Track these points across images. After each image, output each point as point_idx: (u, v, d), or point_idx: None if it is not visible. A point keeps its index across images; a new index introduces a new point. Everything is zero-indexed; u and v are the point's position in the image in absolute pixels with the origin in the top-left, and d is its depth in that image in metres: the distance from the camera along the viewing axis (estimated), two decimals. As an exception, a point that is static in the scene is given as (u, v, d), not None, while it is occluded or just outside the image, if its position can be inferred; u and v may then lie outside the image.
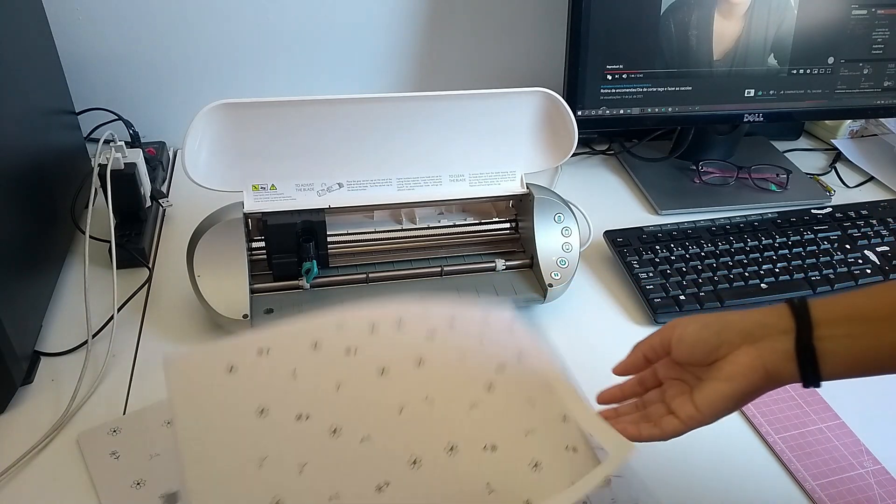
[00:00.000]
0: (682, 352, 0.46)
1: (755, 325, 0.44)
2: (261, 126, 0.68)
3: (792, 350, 0.42)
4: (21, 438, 0.58)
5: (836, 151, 1.07)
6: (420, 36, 1.02)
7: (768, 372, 0.43)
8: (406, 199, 0.74)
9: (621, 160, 1.03)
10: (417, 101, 0.71)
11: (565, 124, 0.74)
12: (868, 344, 0.41)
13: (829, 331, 0.42)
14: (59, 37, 0.83)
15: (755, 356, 0.43)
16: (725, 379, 0.44)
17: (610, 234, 0.83)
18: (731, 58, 0.90)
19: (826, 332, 0.42)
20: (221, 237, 0.67)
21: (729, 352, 0.44)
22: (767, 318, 0.44)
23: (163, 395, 0.62)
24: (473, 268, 0.75)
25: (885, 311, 0.41)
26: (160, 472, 0.56)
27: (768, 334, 0.43)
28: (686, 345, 0.46)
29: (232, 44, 0.96)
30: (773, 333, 0.43)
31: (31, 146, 0.71)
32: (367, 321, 0.53)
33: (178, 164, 0.97)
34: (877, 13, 0.90)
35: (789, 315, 0.43)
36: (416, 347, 0.52)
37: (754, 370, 0.43)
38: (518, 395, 0.52)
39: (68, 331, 0.69)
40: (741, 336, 0.44)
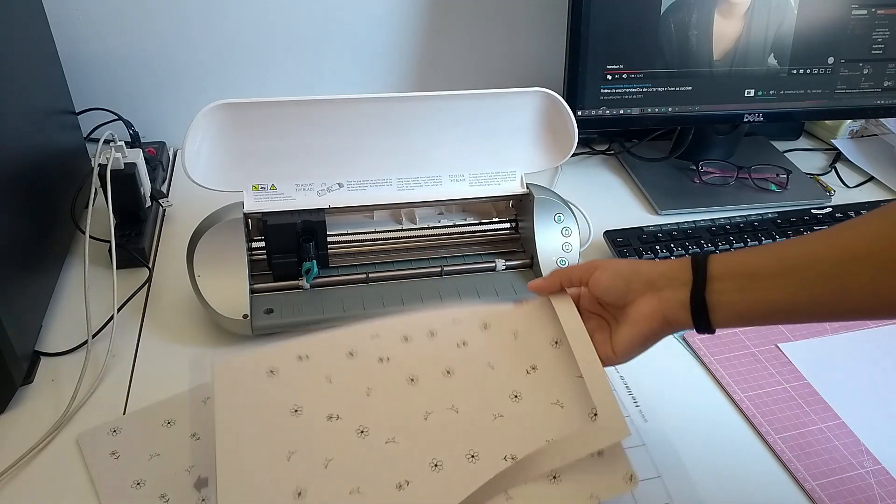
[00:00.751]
0: (597, 292, 0.52)
1: (659, 276, 0.49)
2: (261, 126, 0.68)
3: (687, 301, 0.47)
4: (21, 438, 0.58)
5: (836, 151, 1.07)
6: (420, 36, 1.02)
7: (667, 319, 0.48)
8: (406, 199, 0.74)
9: (621, 160, 1.03)
10: (417, 101, 0.71)
11: (565, 124, 0.74)
12: (753, 298, 0.46)
13: (720, 285, 0.46)
14: (59, 37, 0.83)
15: (655, 304, 0.49)
16: (630, 323, 0.50)
17: (610, 234, 0.83)
18: (731, 58, 0.90)
19: (718, 286, 0.46)
20: (221, 237, 0.67)
21: (635, 298, 0.50)
22: (671, 269, 0.49)
23: (163, 395, 0.62)
24: (473, 268, 0.75)
25: (770, 270, 0.45)
26: (160, 472, 0.56)
27: (668, 285, 0.48)
28: (600, 287, 0.52)
29: (232, 44, 0.96)
30: (673, 285, 0.48)
31: (31, 146, 0.71)
32: (401, 332, 0.57)
33: (178, 164, 0.97)
34: (877, 13, 0.90)
35: (689, 268, 0.48)
36: (445, 357, 0.55)
37: (654, 317, 0.49)
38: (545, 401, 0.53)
39: (68, 331, 0.69)
40: (646, 285, 0.49)
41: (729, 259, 0.47)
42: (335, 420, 0.51)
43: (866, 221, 0.44)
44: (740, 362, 0.68)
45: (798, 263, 0.44)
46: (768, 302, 0.45)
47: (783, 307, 0.45)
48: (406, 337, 0.57)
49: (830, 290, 0.44)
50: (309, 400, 0.52)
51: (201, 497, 0.54)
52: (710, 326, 0.48)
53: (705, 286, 0.47)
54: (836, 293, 0.43)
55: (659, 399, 0.65)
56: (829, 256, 0.44)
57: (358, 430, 0.51)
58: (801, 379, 0.67)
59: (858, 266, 0.43)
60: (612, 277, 0.51)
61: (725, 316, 0.47)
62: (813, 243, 0.45)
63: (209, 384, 0.64)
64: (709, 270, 0.47)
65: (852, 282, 0.43)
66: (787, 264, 0.45)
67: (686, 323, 0.48)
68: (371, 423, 0.51)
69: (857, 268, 0.43)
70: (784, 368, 0.68)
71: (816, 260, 0.44)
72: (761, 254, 0.47)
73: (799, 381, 0.67)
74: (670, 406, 0.64)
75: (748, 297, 0.46)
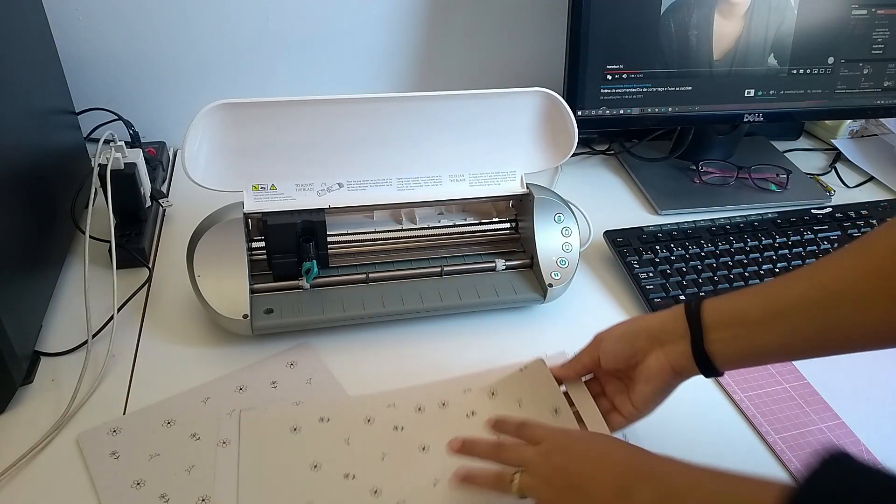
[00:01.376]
0: (608, 364, 0.54)
1: (659, 331, 0.52)
2: (261, 126, 0.68)
3: (690, 352, 0.50)
4: (21, 438, 0.58)
5: (836, 151, 1.07)
6: (420, 36, 1.02)
7: (675, 370, 0.51)
8: (406, 199, 0.74)
9: (621, 160, 1.03)
10: (417, 101, 0.71)
11: (565, 124, 0.74)
12: (750, 345, 0.48)
13: (717, 335, 0.49)
14: (59, 37, 0.83)
15: (663, 359, 0.51)
16: (645, 381, 0.52)
17: (610, 234, 0.83)
18: (731, 58, 0.90)
19: (714, 336, 0.49)
20: (221, 237, 0.67)
21: (644, 357, 0.52)
22: (668, 323, 0.51)
23: (163, 395, 0.62)
24: (473, 268, 0.75)
25: (760, 316, 0.48)
26: (160, 472, 0.56)
27: (670, 339, 0.51)
28: (608, 358, 0.54)
29: (232, 44, 0.96)
30: (674, 339, 0.51)
31: (31, 146, 0.71)
32: (416, 402, 0.62)
33: (178, 164, 0.98)
34: (877, 13, 0.90)
35: (685, 321, 0.50)
36: (456, 428, 0.59)
37: (664, 371, 0.51)
38: None
39: (68, 331, 0.69)
40: (649, 342, 0.52)
41: (721, 306, 0.50)
42: (351, 479, 0.56)
43: (845, 257, 0.46)
44: (740, 362, 0.68)
45: (786, 307, 0.47)
46: (764, 346, 0.48)
47: (779, 350, 0.48)
48: (420, 407, 0.62)
49: (819, 329, 0.46)
50: (328, 458, 0.57)
51: (202, 498, 0.54)
52: (716, 371, 0.50)
53: (703, 338, 0.49)
54: (824, 331, 0.46)
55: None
56: (813, 296, 0.46)
57: (372, 490, 0.55)
58: (801, 379, 0.67)
59: (841, 302, 0.45)
60: (615, 345, 0.53)
61: (728, 361, 0.49)
62: (797, 284, 0.47)
63: (209, 384, 0.64)
64: (703, 322, 0.49)
65: (837, 318, 0.45)
66: (776, 309, 0.47)
67: (693, 371, 0.51)
68: (384, 485, 0.55)
69: (840, 304, 0.45)
70: (784, 368, 0.68)
71: (802, 302, 0.46)
72: (751, 300, 0.49)
73: (799, 381, 0.67)
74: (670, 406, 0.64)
75: (744, 344, 0.48)
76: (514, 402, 0.61)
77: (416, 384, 0.65)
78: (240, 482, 0.55)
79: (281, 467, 0.57)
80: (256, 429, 0.60)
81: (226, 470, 0.56)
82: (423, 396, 0.63)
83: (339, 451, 0.58)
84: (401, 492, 0.55)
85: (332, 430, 0.60)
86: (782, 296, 0.47)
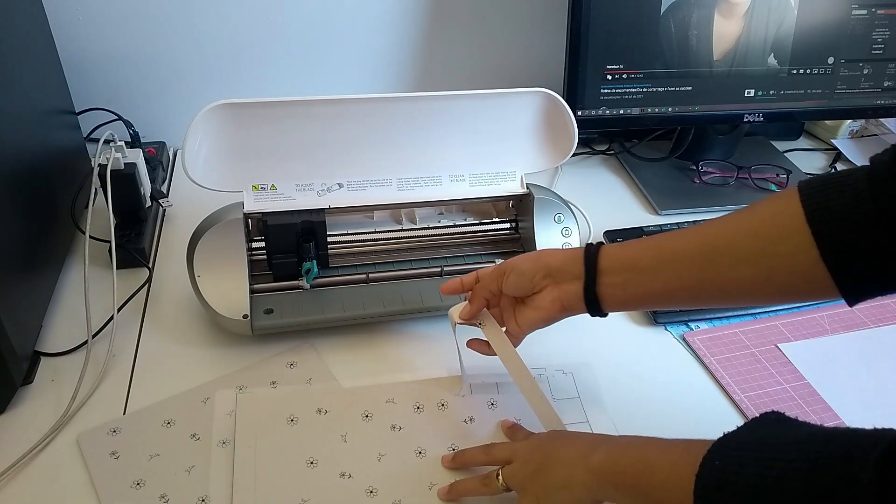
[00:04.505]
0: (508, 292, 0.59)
1: (557, 270, 0.56)
2: (261, 126, 0.68)
3: (581, 294, 0.55)
4: (21, 438, 0.58)
5: (836, 151, 1.07)
6: (420, 36, 1.02)
7: (564, 306, 0.56)
8: (406, 199, 0.74)
9: (621, 160, 1.03)
10: (417, 101, 0.71)
11: (565, 124, 0.74)
12: (636, 289, 0.53)
13: (609, 279, 0.54)
14: (59, 37, 0.83)
15: (556, 295, 0.56)
16: (535, 308, 0.57)
17: (610, 234, 0.83)
18: (731, 58, 0.90)
19: (607, 279, 0.54)
20: (221, 237, 0.67)
21: (541, 289, 0.57)
22: (567, 263, 0.56)
23: (163, 395, 0.62)
24: (473, 268, 0.74)
25: (649, 263, 0.52)
26: (160, 472, 0.56)
27: (565, 279, 0.56)
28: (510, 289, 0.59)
29: (232, 44, 0.96)
30: (569, 279, 0.55)
31: (31, 146, 0.71)
32: (415, 400, 0.63)
33: (178, 164, 0.97)
34: (877, 13, 0.90)
35: (582, 264, 0.55)
36: (453, 433, 0.60)
37: (554, 305, 0.56)
38: None
39: (68, 331, 0.69)
40: (546, 279, 0.56)
41: (616, 253, 0.54)
42: (347, 478, 0.56)
43: (729, 218, 0.50)
44: (740, 362, 0.68)
45: (672, 257, 0.51)
46: (648, 291, 0.52)
47: (662, 296, 0.53)
48: (418, 406, 0.63)
49: (699, 279, 0.50)
50: (324, 455, 0.58)
51: (202, 498, 0.54)
52: (601, 312, 0.55)
53: (596, 281, 0.54)
54: (703, 281, 0.50)
55: (659, 399, 0.65)
56: (697, 249, 0.50)
57: (367, 490, 0.55)
58: (801, 379, 0.67)
59: (720, 256, 0.49)
60: (517, 280, 0.58)
61: (614, 304, 0.55)
62: (686, 237, 0.51)
63: (209, 384, 0.64)
64: (599, 265, 0.54)
65: (716, 270, 0.49)
66: (664, 258, 0.52)
67: (581, 309, 0.56)
68: (380, 486, 0.56)
69: (718, 258, 0.49)
70: (784, 368, 0.68)
71: (686, 253, 0.50)
72: (643, 249, 0.53)
73: (799, 381, 0.67)
74: (670, 406, 0.64)
75: (632, 289, 0.53)
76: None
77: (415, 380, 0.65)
78: (235, 475, 0.55)
79: (277, 461, 0.57)
80: (253, 413, 0.59)
81: (224, 469, 0.56)
82: (423, 396, 0.63)
83: (336, 448, 0.58)
84: (397, 493, 0.55)
85: (330, 425, 0.60)
86: (671, 246, 0.52)
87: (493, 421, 0.62)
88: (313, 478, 0.56)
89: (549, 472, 0.50)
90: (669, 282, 0.51)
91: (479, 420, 0.62)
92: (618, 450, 0.48)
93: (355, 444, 0.59)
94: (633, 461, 0.46)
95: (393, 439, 0.59)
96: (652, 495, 0.44)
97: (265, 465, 0.56)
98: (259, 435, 0.58)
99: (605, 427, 0.61)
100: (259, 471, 0.56)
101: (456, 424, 0.61)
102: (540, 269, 0.57)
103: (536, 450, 0.53)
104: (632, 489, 0.45)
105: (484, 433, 0.61)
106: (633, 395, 0.65)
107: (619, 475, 0.46)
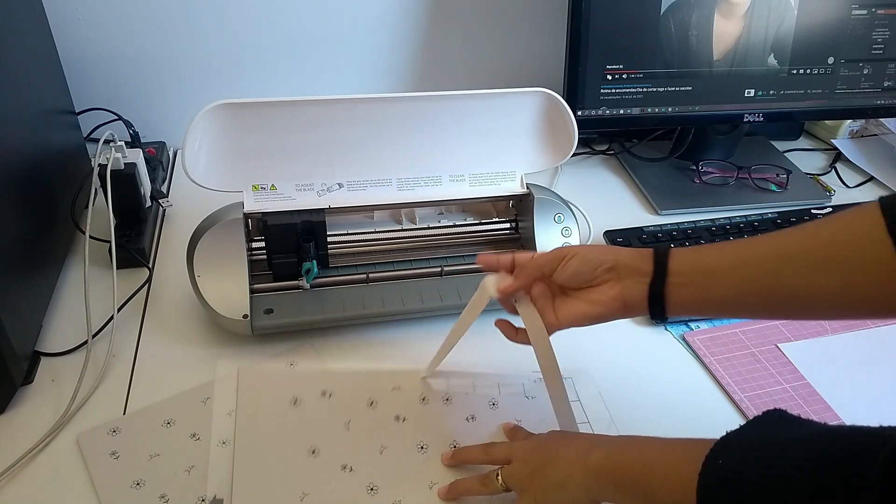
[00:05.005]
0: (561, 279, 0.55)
1: (623, 266, 0.53)
2: (261, 126, 0.68)
3: (646, 292, 0.51)
4: (21, 438, 0.58)
5: (836, 151, 1.07)
6: (420, 36, 1.02)
7: (626, 304, 0.53)
8: (406, 199, 0.74)
9: (621, 160, 1.03)
10: (417, 101, 0.71)
11: (565, 124, 0.74)
12: (704, 294, 0.50)
13: (678, 279, 0.51)
14: (59, 37, 0.83)
15: (618, 291, 0.53)
16: (590, 302, 0.53)
17: (610, 234, 0.83)
18: (731, 58, 0.90)
19: (676, 280, 0.51)
20: (221, 237, 0.67)
21: (601, 283, 0.53)
22: (635, 261, 0.52)
23: (163, 395, 0.62)
24: (473, 268, 0.74)
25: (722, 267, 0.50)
26: (160, 472, 0.56)
27: (630, 275, 0.52)
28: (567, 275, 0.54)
29: (232, 44, 0.96)
30: (635, 275, 0.52)
31: (31, 146, 0.71)
32: (420, 391, 0.63)
33: (178, 164, 0.97)
34: (877, 13, 0.90)
35: (650, 261, 0.52)
36: (455, 430, 0.60)
37: (615, 301, 0.53)
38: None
39: (68, 331, 0.69)
40: (609, 273, 0.53)
41: (686, 256, 0.51)
42: (349, 471, 0.56)
43: (807, 225, 0.48)
44: (740, 362, 0.68)
45: (744, 261, 0.49)
46: (717, 295, 0.50)
47: (729, 299, 0.50)
48: (424, 398, 0.63)
49: (769, 285, 0.48)
50: (327, 445, 0.58)
51: (202, 498, 0.54)
52: (664, 315, 0.52)
53: (664, 281, 0.51)
54: (774, 286, 0.48)
55: (659, 399, 0.65)
56: (770, 254, 0.48)
57: (369, 486, 0.55)
58: (801, 379, 0.67)
59: (795, 262, 0.47)
60: (579, 265, 0.54)
61: (679, 307, 0.51)
62: (759, 244, 0.49)
63: (209, 384, 0.64)
64: (669, 266, 0.51)
65: (788, 277, 0.47)
66: (734, 262, 0.49)
67: (641, 311, 0.52)
68: (381, 483, 0.56)
69: (793, 263, 0.47)
70: (784, 368, 0.68)
71: (760, 257, 0.48)
72: (715, 252, 0.51)
73: (799, 381, 0.67)
74: (670, 406, 0.64)
75: (700, 292, 0.50)
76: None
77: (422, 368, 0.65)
78: (235, 464, 0.55)
79: (277, 449, 0.56)
80: (254, 393, 0.59)
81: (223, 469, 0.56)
82: (429, 388, 0.63)
83: (339, 438, 0.58)
84: (398, 490, 0.55)
85: (334, 409, 0.60)
86: (744, 251, 0.50)
87: (494, 420, 0.62)
88: (315, 470, 0.56)
89: (547, 471, 0.50)
90: (740, 286, 0.49)
91: (480, 419, 0.62)
92: (617, 449, 0.48)
93: (358, 433, 0.59)
94: (632, 460, 0.46)
95: (396, 431, 0.59)
96: (652, 494, 0.44)
97: (267, 451, 0.56)
98: (261, 417, 0.58)
99: (605, 427, 0.61)
100: (260, 459, 0.56)
101: (458, 422, 0.61)
102: (607, 260, 0.53)
103: (535, 450, 0.53)
104: (631, 488, 0.45)
105: (485, 432, 0.61)
106: (633, 394, 0.65)
107: (619, 474, 0.46)
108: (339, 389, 0.61)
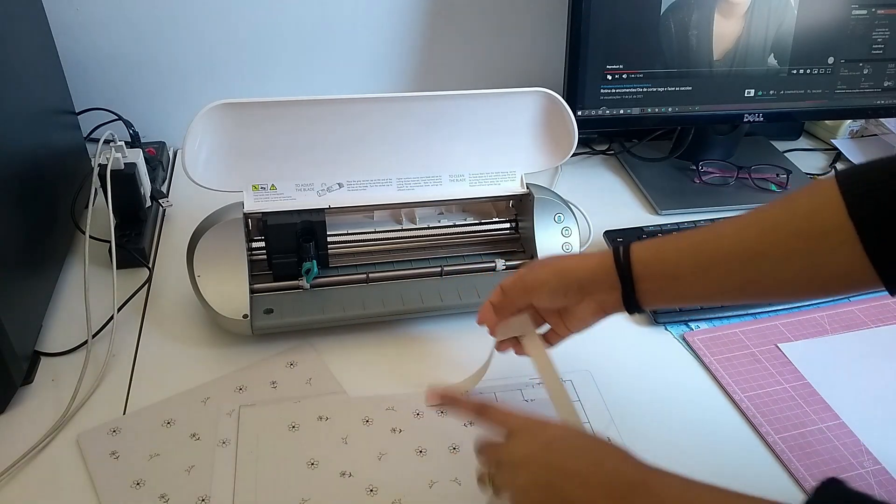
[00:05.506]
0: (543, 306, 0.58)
1: (590, 283, 0.54)
2: (261, 126, 0.68)
3: (620, 300, 0.54)
4: (21, 438, 0.58)
5: (836, 151, 1.07)
6: (420, 36, 1.02)
7: (606, 311, 0.56)
8: (406, 199, 0.74)
9: (621, 160, 1.03)
10: (417, 101, 0.71)
11: (565, 124, 0.74)
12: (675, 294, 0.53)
13: (646, 285, 0.53)
14: (59, 37, 0.83)
15: (595, 306, 0.55)
16: (578, 319, 0.57)
17: (610, 234, 0.83)
18: (731, 58, 0.90)
19: (644, 286, 0.53)
20: (221, 237, 0.67)
21: (576, 304, 0.56)
22: (598, 274, 0.54)
23: (163, 395, 0.62)
24: (473, 268, 0.75)
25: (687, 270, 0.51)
26: (160, 472, 0.56)
27: (600, 290, 0.54)
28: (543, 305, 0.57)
29: (232, 44, 0.96)
30: (604, 289, 0.54)
31: (31, 146, 0.71)
32: (415, 408, 0.63)
33: (178, 164, 0.97)
34: (877, 13, 0.90)
35: (615, 273, 0.53)
36: (454, 433, 0.60)
37: (596, 315, 0.56)
38: None
39: (68, 331, 0.69)
40: (581, 294, 0.55)
41: (650, 258, 0.53)
42: (347, 477, 0.56)
43: (767, 215, 0.49)
44: (740, 362, 0.68)
45: (711, 262, 0.50)
46: (689, 295, 0.53)
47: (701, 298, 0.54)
48: (418, 413, 0.62)
49: (740, 282, 0.49)
50: (325, 455, 0.58)
51: (201, 498, 0.54)
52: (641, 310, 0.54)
53: (633, 288, 0.53)
54: (744, 284, 0.49)
55: (659, 399, 0.65)
56: (736, 254, 0.49)
57: (368, 488, 0.55)
58: (801, 379, 0.67)
59: (761, 259, 0.48)
60: (549, 298, 0.56)
61: (653, 305, 0.54)
62: (723, 240, 0.50)
63: (209, 384, 0.64)
64: (634, 273, 0.52)
65: (758, 273, 0.48)
66: (702, 263, 0.50)
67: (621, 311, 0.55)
68: (380, 484, 0.56)
69: (760, 261, 0.48)
70: (784, 368, 0.68)
71: (727, 258, 0.49)
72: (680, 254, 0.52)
73: (799, 381, 0.67)
74: (670, 406, 0.64)
75: (672, 294, 0.53)
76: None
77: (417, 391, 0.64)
78: (237, 477, 0.55)
79: (278, 463, 0.57)
80: (255, 424, 0.60)
81: (224, 469, 0.56)
82: (422, 405, 0.63)
83: (336, 449, 0.58)
84: (397, 491, 0.55)
85: (331, 429, 0.60)
86: (709, 251, 0.50)
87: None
88: (314, 477, 0.56)
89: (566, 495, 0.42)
90: (709, 287, 0.51)
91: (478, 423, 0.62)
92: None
93: (356, 445, 0.59)
94: None
95: (393, 440, 0.59)
96: None
97: (266, 465, 0.56)
98: (261, 439, 0.58)
99: (605, 427, 0.61)
100: (260, 471, 0.56)
101: (456, 426, 0.61)
102: (569, 285, 0.55)
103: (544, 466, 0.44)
104: None
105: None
106: (633, 395, 0.65)
107: None
108: (334, 413, 0.61)
